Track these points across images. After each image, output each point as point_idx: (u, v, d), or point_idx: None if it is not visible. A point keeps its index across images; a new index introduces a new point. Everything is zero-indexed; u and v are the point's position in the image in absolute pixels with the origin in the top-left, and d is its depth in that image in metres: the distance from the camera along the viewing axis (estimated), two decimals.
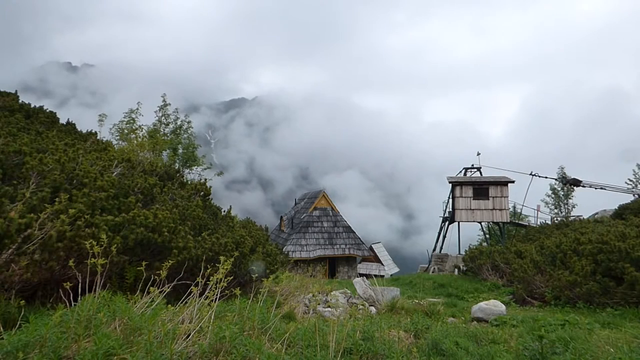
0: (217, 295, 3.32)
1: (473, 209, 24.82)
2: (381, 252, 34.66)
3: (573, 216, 27.81)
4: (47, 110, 10.07)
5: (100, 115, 14.08)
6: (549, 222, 25.01)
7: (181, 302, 3.47)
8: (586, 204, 32.03)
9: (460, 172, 27.54)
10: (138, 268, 3.84)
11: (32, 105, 9.86)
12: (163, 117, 19.63)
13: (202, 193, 8.89)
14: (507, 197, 24.87)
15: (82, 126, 10.64)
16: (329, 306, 7.06)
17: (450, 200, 26.03)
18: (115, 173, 7.04)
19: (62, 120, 10.29)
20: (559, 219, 27.07)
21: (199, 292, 3.31)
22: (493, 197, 24.73)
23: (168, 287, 3.55)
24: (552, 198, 34.19)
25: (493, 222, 26.34)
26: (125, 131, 15.84)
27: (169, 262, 3.86)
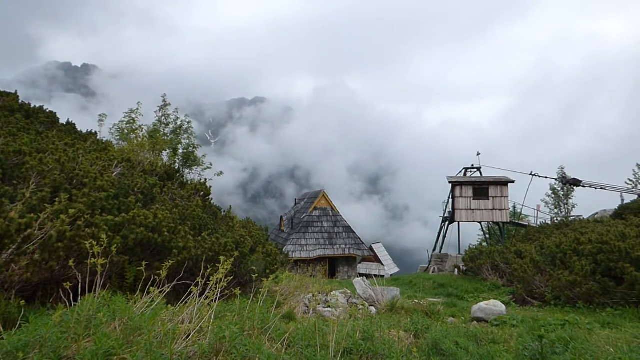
0: (217, 295, 3.32)
1: (473, 209, 24.81)
2: (381, 252, 34.66)
3: (573, 216, 27.80)
4: (47, 110, 10.07)
5: (100, 115, 14.09)
6: (549, 222, 24.99)
7: (181, 302, 3.47)
8: (586, 204, 32.08)
9: (460, 172, 27.54)
10: (138, 268, 3.84)
11: (33, 105, 9.85)
12: (163, 117, 19.62)
13: (202, 193, 8.89)
14: (507, 197, 24.86)
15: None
16: (329, 306, 7.06)
17: (450, 200, 26.02)
18: (115, 173, 7.04)
19: (62, 120, 10.30)
20: (559, 219, 27.05)
21: (199, 292, 3.31)
22: (493, 197, 24.72)
23: (168, 287, 3.55)
24: (552, 198, 34.18)
25: (493, 222, 26.33)
26: (126, 131, 15.85)
27: (169, 262, 3.86)
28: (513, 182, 24.90)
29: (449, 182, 25.67)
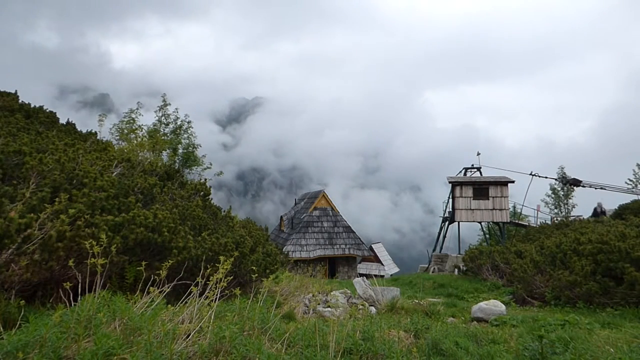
0: (217, 295, 3.32)
1: (473, 209, 24.80)
2: (381, 252, 34.66)
3: (573, 216, 27.79)
4: (47, 110, 10.07)
5: (100, 115, 14.08)
6: (549, 222, 24.98)
7: (181, 302, 3.47)
8: (586, 204, 32.05)
9: (460, 172, 27.54)
10: (138, 268, 3.84)
11: (32, 105, 9.85)
12: (163, 117, 19.63)
13: (202, 193, 8.90)
14: (507, 197, 24.85)
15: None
16: (329, 306, 7.06)
17: (450, 200, 26.02)
18: (115, 173, 7.04)
19: (62, 120, 10.29)
20: (559, 219, 27.04)
21: (199, 292, 3.31)
22: (493, 197, 24.72)
23: (168, 287, 3.55)
24: (552, 198, 34.18)
25: (493, 222, 26.32)
26: (125, 131, 15.85)
27: (169, 262, 3.86)
28: (513, 182, 24.90)
29: (449, 182, 25.66)
